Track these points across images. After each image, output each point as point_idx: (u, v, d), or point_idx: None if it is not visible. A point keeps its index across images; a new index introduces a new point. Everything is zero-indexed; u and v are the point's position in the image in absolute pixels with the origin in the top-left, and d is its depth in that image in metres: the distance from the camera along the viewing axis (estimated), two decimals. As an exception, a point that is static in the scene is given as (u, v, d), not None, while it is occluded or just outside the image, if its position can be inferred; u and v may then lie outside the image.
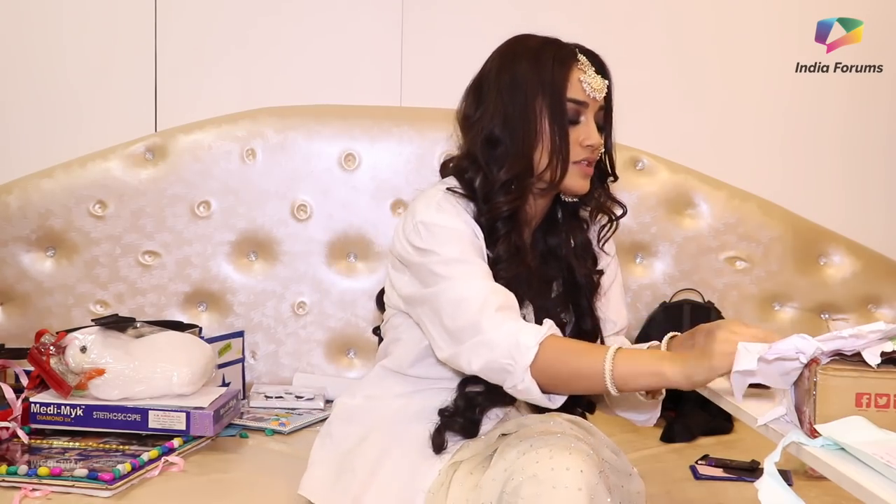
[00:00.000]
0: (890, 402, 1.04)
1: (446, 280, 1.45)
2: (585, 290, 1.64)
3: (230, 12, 2.46)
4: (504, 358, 1.36)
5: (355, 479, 1.51)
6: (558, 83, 1.52)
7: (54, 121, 2.44)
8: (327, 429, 1.66)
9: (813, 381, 1.05)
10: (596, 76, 1.55)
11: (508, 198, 1.52)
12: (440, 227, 1.49)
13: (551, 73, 1.52)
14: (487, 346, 1.37)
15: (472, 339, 1.39)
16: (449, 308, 1.43)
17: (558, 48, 1.55)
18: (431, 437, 1.51)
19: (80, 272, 2.31)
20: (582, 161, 1.55)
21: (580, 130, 1.54)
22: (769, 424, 1.14)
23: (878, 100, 2.56)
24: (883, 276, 2.49)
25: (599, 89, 1.55)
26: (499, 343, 1.36)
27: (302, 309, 2.36)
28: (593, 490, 1.28)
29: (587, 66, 1.55)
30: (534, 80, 1.52)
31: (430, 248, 1.48)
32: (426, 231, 1.49)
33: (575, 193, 1.59)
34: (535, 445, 1.34)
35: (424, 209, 1.52)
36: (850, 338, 1.05)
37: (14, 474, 1.66)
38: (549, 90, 1.51)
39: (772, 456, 1.03)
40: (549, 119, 1.51)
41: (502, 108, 1.53)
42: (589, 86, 1.54)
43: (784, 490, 1.01)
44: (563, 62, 1.53)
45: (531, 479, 1.30)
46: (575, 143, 1.54)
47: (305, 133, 2.37)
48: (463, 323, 1.41)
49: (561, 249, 1.64)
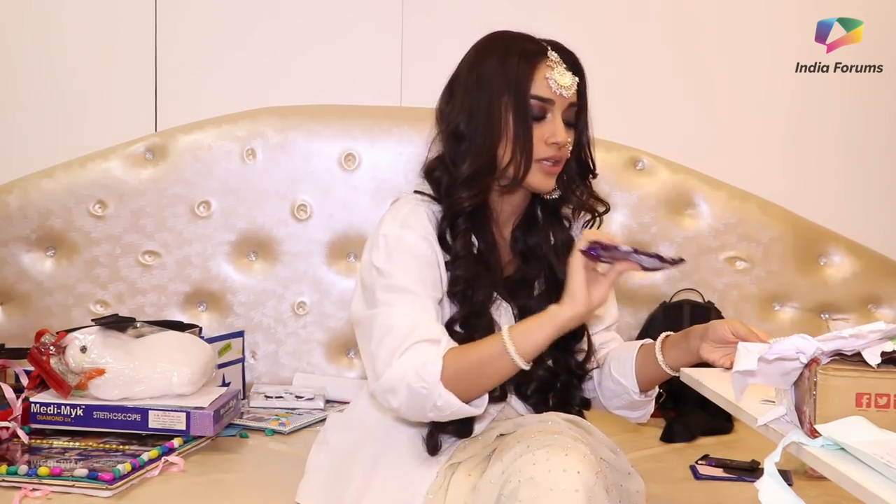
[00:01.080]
0: (890, 402, 1.04)
1: (385, 305, 1.46)
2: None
3: (230, 12, 2.46)
4: (416, 382, 1.38)
5: (352, 485, 1.51)
6: (522, 80, 1.51)
7: (54, 121, 2.44)
8: (323, 437, 1.68)
9: (813, 381, 1.05)
10: (565, 73, 1.53)
11: (469, 193, 1.52)
12: (400, 244, 1.50)
13: (516, 70, 1.51)
14: (399, 380, 1.39)
15: (384, 373, 1.41)
16: (378, 334, 1.44)
17: (528, 44, 1.55)
18: (425, 440, 1.51)
19: (80, 272, 2.31)
20: (547, 159, 1.53)
21: (545, 128, 1.53)
22: (769, 424, 1.14)
23: (878, 100, 2.56)
24: (883, 276, 2.49)
25: (566, 86, 1.53)
26: (405, 373, 1.38)
27: (302, 309, 2.36)
28: (590, 491, 1.28)
29: (556, 62, 1.53)
30: (499, 77, 1.52)
31: (382, 267, 1.49)
32: (385, 245, 1.50)
33: (538, 191, 1.57)
34: (532, 447, 1.34)
35: (390, 222, 1.53)
36: (850, 338, 1.05)
37: (14, 474, 1.66)
38: (513, 87, 1.51)
39: (772, 456, 1.02)
40: (513, 115, 1.51)
41: (468, 104, 1.54)
42: (555, 82, 1.52)
43: (784, 490, 1.00)
44: (529, 59, 1.52)
45: (528, 482, 1.30)
46: (539, 140, 1.52)
47: (305, 133, 2.37)
48: (383, 353, 1.42)
49: (540, 248, 1.62)
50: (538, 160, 1.53)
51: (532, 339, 1.40)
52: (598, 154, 2.38)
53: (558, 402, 1.59)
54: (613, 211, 2.41)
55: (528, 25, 1.62)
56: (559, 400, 1.60)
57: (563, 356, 1.61)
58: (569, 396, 1.60)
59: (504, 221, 1.62)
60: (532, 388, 1.59)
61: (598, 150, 2.36)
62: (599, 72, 2.48)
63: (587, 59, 1.53)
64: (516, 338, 1.39)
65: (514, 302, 1.58)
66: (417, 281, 1.48)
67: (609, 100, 2.48)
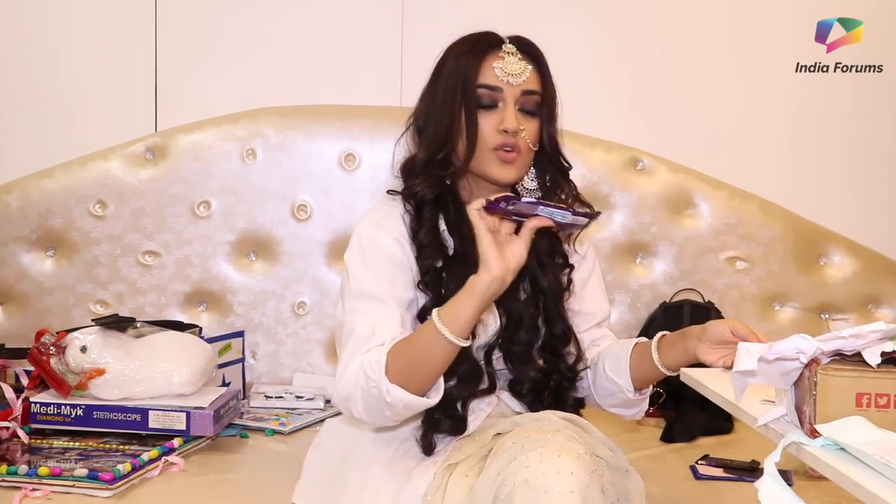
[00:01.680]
0: (890, 402, 1.04)
1: (351, 313, 1.50)
2: (551, 295, 1.63)
3: (230, 12, 2.46)
4: (366, 384, 1.41)
5: (349, 487, 1.51)
6: (469, 70, 1.55)
7: (54, 121, 2.44)
8: (318, 441, 1.68)
9: (813, 381, 1.05)
10: (515, 62, 1.55)
11: (423, 179, 1.56)
12: (372, 244, 1.54)
13: (465, 62, 1.55)
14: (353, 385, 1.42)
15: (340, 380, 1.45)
16: (343, 343, 1.49)
17: (485, 39, 1.59)
18: (419, 440, 1.52)
19: (80, 272, 2.31)
20: (501, 146, 1.54)
21: (495, 116, 1.55)
22: (769, 424, 1.14)
23: (878, 100, 2.56)
24: (883, 276, 2.49)
25: (515, 73, 1.55)
26: (357, 377, 1.42)
27: (302, 309, 2.36)
28: (585, 491, 1.29)
29: (509, 53, 1.56)
30: (451, 71, 1.57)
31: (352, 270, 1.53)
32: (358, 245, 1.55)
33: (497, 181, 1.57)
34: (526, 448, 1.34)
35: (367, 221, 1.59)
36: (850, 338, 1.05)
37: (14, 474, 1.66)
38: (461, 77, 1.55)
39: (772, 456, 1.03)
40: (462, 106, 1.54)
41: (427, 100, 1.61)
42: (501, 70, 1.54)
43: (784, 490, 1.00)
44: (480, 51, 1.56)
45: (523, 485, 1.30)
46: (491, 129, 1.54)
47: (305, 133, 2.37)
48: (344, 361, 1.47)
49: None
50: (492, 149, 1.55)
51: (462, 315, 1.39)
52: (598, 154, 2.43)
53: (552, 402, 1.59)
54: (613, 211, 2.41)
55: (529, 26, 1.62)
56: (553, 399, 1.60)
57: (553, 359, 1.61)
58: (562, 397, 1.61)
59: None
60: (525, 388, 1.60)
61: (597, 150, 2.43)
62: (600, 72, 2.52)
63: (587, 59, 1.54)
64: (446, 318, 1.39)
65: (501, 306, 1.58)
66: (386, 282, 1.51)
67: (609, 100, 2.51)
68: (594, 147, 2.42)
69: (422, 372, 1.41)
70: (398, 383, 1.39)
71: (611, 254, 2.41)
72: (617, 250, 2.42)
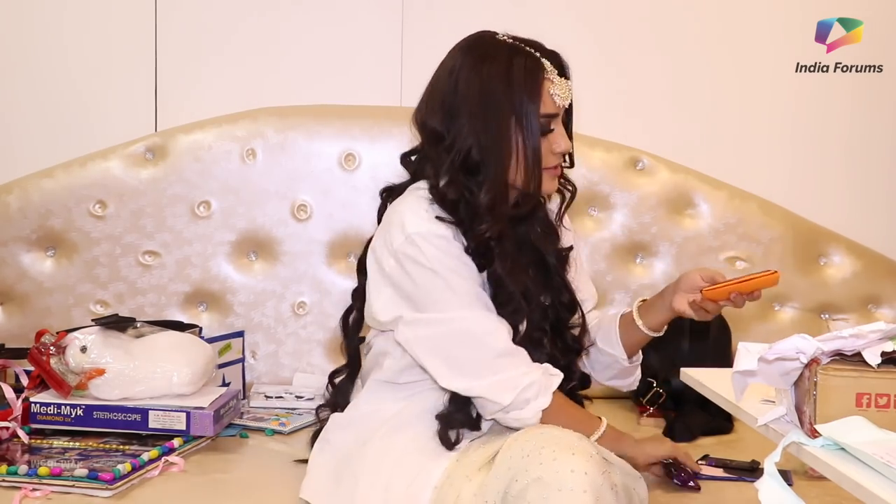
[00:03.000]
0: (890, 402, 1.04)
1: (454, 310, 1.50)
2: (556, 267, 1.68)
3: (230, 12, 2.46)
4: (522, 402, 1.49)
5: (358, 482, 1.51)
6: (530, 101, 1.53)
7: (54, 121, 2.43)
8: (325, 436, 1.67)
9: (813, 381, 1.05)
10: (563, 83, 1.57)
11: (491, 223, 1.53)
12: (438, 239, 1.51)
13: (523, 94, 1.52)
14: (512, 389, 1.49)
15: (492, 376, 1.48)
16: (458, 339, 1.49)
17: (526, 60, 1.55)
18: (439, 436, 1.53)
19: (80, 272, 2.31)
20: (554, 167, 1.60)
21: (551, 139, 1.57)
22: (769, 424, 1.14)
23: (878, 100, 2.56)
24: (883, 276, 2.49)
25: (566, 97, 1.58)
26: (517, 391, 1.49)
27: (302, 309, 2.36)
28: (598, 491, 1.30)
29: (553, 73, 1.56)
30: (507, 103, 1.53)
31: (432, 266, 1.50)
32: (425, 243, 1.51)
33: (545, 194, 1.64)
34: (539, 445, 1.35)
35: (415, 220, 1.53)
36: (850, 338, 1.05)
37: (14, 474, 1.66)
38: (523, 111, 1.53)
39: (772, 456, 1.03)
40: (523, 136, 1.53)
41: (477, 132, 1.53)
42: (558, 96, 1.56)
43: (784, 490, 1.01)
44: (532, 78, 1.54)
45: (536, 482, 1.31)
46: (547, 151, 1.57)
47: (305, 133, 2.37)
48: (480, 358, 1.49)
49: (529, 235, 1.67)
50: (546, 168, 1.57)
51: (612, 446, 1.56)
52: (598, 154, 2.43)
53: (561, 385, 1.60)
54: (614, 211, 2.42)
55: (529, 26, 1.62)
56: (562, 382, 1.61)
57: (560, 333, 1.66)
58: (571, 374, 1.65)
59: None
60: None
61: (597, 150, 2.42)
62: (600, 72, 2.51)
63: (587, 59, 1.54)
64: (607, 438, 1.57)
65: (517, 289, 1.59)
66: (468, 274, 1.52)
67: (609, 100, 2.51)
68: (594, 147, 2.42)
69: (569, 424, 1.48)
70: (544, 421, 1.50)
71: (611, 254, 2.41)
72: (617, 250, 2.42)
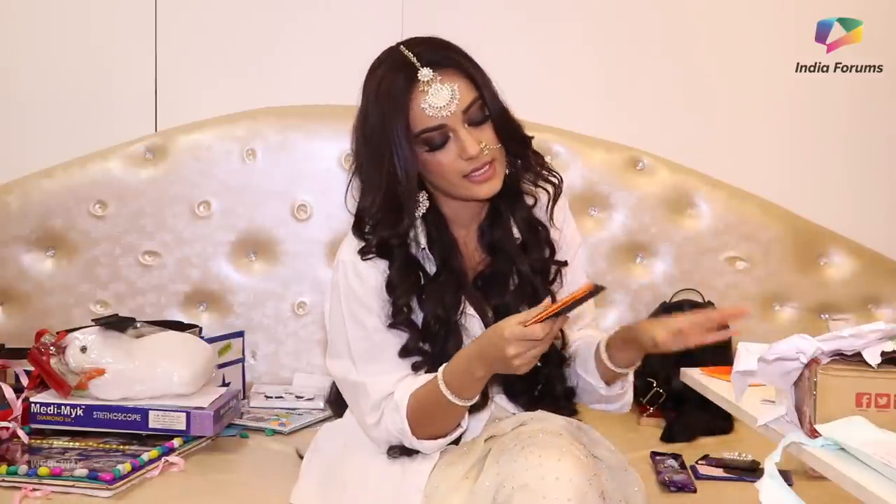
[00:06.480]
0: (890, 402, 1.04)
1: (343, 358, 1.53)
2: (538, 278, 1.56)
3: (230, 12, 2.46)
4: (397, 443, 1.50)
5: (347, 486, 1.52)
6: (399, 126, 1.42)
7: (54, 121, 2.43)
8: (314, 445, 1.68)
9: (813, 381, 1.05)
10: (439, 91, 1.41)
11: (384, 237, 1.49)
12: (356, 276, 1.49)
13: (391, 117, 1.43)
14: (385, 442, 1.51)
15: (369, 434, 1.52)
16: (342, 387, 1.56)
17: (395, 75, 1.45)
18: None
19: (80, 272, 2.31)
20: (471, 173, 1.45)
21: (452, 146, 1.44)
22: (769, 424, 1.14)
23: (878, 100, 2.55)
24: (883, 276, 2.49)
25: (445, 104, 1.41)
26: (388, 439, 1.50)
27: (302, 309, 2.36)
28: (583, 498, 1.29)
29: (427, 81, 1.42)
30: (379, 130, 1.45)
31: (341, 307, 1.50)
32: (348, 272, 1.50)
33: (483, 199, 1.51)
34: (526, 449, 1.35)
35: (347, 247, 1.53)
36: (850, 338, 1.06)
37: (14, 474, 1.66)
38: (396, 138, 1.43)
39: (772, 456, 1.03)
40: (411, 164, 1.44)
41: (368, 166, 1.49)
42: (431, 107, 1.41)
43: (784, 490, 1.01)
44: (399, 97, 1.42)
45: (522, 489, 1.30)
46: (454, 160, 1.44)
47: (305, 133, 2.37)
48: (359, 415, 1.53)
49: (504, 242, 1.56)
50: (463, 177, 1.46)
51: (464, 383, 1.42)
52: (598, 154, 2.43)
53: (544, 394, 1.57)
54: (614, 211, 2.42)
55: (528, 26, 1.62)
56: (544, 391, 1.58)
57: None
58: (553, 387, 1.58)
59: (468, 219, 1.57)
60: (518, 388, 1.57)
61: (597, 150, 2.43)
62: (600, 72, 2.51)
63: (587, 59, 1.53)
64: (455, 388, 1.42)
65: (488, 301, 1.54)
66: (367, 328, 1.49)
67: (609, 100, 2.51)
68: (594, 147, 2.42)
69: (444, 423, 1.47)
70: (425, 438, 1.46)
71: (611, 254, 2.41)
72: (617, 250, 2.42)
